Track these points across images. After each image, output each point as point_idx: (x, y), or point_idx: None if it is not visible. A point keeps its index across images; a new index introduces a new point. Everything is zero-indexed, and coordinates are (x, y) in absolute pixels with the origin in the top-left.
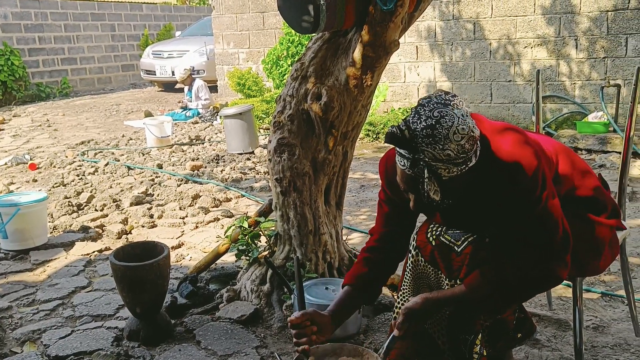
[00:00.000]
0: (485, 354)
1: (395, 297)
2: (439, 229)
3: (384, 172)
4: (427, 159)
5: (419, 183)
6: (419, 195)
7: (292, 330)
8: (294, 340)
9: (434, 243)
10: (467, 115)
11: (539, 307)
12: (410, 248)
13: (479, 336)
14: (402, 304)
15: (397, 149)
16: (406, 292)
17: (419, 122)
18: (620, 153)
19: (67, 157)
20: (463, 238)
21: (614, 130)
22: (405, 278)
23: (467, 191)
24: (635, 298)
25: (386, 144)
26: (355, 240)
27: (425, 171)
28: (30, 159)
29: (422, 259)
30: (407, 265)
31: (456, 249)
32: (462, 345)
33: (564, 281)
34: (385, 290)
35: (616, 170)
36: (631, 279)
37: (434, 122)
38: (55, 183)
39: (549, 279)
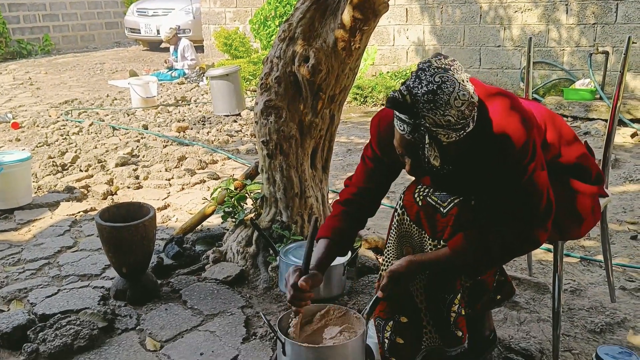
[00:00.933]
0: (463, 313)
1: (380, 259)
2: (427, 190)
3: (376, 133)
4: (427, 125)
5: (419, 148)
6: (417, 159)
7: (293, 291)
8: (292, 300)
9: (420, 203)
10: (467, 81)
11: (519, 270)
12: (397, 207)
13: (458, 296)
14: (387, 266)
15: (397, 113)
16: (390, 250)
17: (420, 86)
18: (605, 121)
19: (50, 116)
20: (449, 200)
21: (601, 98)
22: (390, 237)
23: (462, 156)
24: (612, 263)
25: (373, 109)
26: None
27: (426, 137)
28: (13, 118)
29: (408, 218)
30: (393, 223)
31: (442, 210)
32: (440, 304)
33: (545, 245)
34: (369, 253)
35: (601, 138)
36: (610, 245)
37: (435, 88)
38: (39, 143)
39: (529, 244)
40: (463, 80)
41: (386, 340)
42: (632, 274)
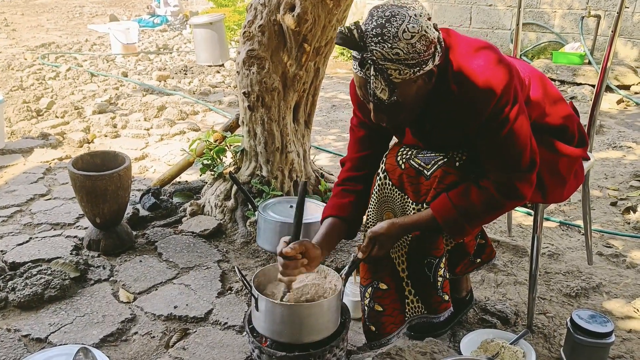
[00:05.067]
0: (447, 276)
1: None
2: (409, 152)
3: (354, 93)
4: (374, 58)
5: (368, 84)
6: (367, 98)
7: (282, 259)
8: (281, 269)
9: (403, 167)
10: (421, 16)
11: (499, 233)
12: (379, 171)
13: (444, 259)
14: (369, 228)
15: (352, 52)
16: (371, 215)
17: (370, 22)
18: (592, 86)
19: (26, 59)
20: (433, 162)
21: (589, 63)
22: (372, 201)
23: (431, 104)
24: (591, 228)
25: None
26: (323, 160)
27: (372, 69)
28: None
29: (390, 183)
30: (374, 188)
31: (425, 172)
32: (426, 269)
33: (525, 209)
34: None
35: (587, 103)
36: (590, 210)
37: (384, 21)
38: (14, 86)
39: (514, 199)
40: (416, 15)
41: (366, 308)
42: (610, 240)
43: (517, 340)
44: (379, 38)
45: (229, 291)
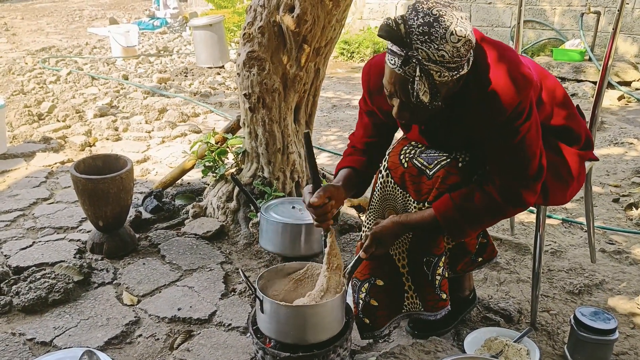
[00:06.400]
0: (446, 275)
1: (363, 217)
2: (413, 151)
3: (366, 81)
4: (420, 58)
5: (409, 83)
6: (407, 98)
7: (313, 210)
8: (316, 220)
9: (406, 165)
10: (466, 19)
11: (501, 231)
12: (381, 168)
13: (443, 258)
14: (369, 226)
15: (389, 46)
16: (372, 213)
17: (416, 18)
18: (594, 83)
19: (26, 63)
20: (436, 161)
21: (590, 59)
22: (373, 198)
23: (452, 105)
24: (594, 225)
25: (360, 65)
26: (323, 160)
27: (417, 69)
28: None
29: (392, 181)
30: (376, 185)
31: (428, 172)
32: (425, 267)
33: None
34: (351, 211)
35: (588, 100)
36: (592, 207)
37: (431, 20)
38: (15, 91)
39: (516, 205)
40: (462, 17)
41: (360, 301)
42: (612, 237)
43: (520, 338)
44: (426, 37)
45: (232, 292)
